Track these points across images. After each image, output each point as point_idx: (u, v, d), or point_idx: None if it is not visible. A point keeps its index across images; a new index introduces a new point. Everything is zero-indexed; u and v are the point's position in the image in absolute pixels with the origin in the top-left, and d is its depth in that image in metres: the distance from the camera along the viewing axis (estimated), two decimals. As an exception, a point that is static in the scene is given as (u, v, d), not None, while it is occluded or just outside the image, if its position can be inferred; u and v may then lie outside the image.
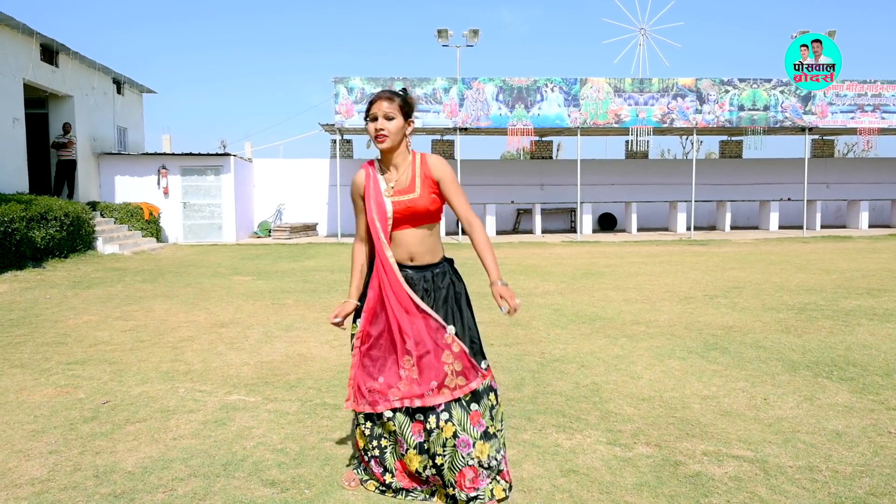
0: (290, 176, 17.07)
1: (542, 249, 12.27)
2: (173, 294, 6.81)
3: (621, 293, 6.56)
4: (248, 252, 12.03)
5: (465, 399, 2.08)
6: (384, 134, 2.06)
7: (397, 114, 2.08)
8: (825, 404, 3.05)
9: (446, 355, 2.08)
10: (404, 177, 2.12)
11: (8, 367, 3.87)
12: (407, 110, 2.11)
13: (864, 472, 2.33)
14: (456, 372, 2.07)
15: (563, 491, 2.21)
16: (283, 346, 4.40)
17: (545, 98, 14.33)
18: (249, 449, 2.60)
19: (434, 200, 2.11)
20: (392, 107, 2.07)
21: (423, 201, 2.09)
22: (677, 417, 2.90)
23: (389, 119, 2.07)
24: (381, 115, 2.07)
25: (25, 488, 2.27)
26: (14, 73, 10.91)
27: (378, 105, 2.07)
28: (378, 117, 2.07)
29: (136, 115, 16.34)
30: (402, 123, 2.09)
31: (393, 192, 2.11)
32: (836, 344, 4.23)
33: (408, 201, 2.08)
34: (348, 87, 13.98)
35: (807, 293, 6.37)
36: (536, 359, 3.96)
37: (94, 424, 2.89)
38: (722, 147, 19.21)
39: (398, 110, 2.08)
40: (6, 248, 8.42)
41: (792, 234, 15.01)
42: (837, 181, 18.53)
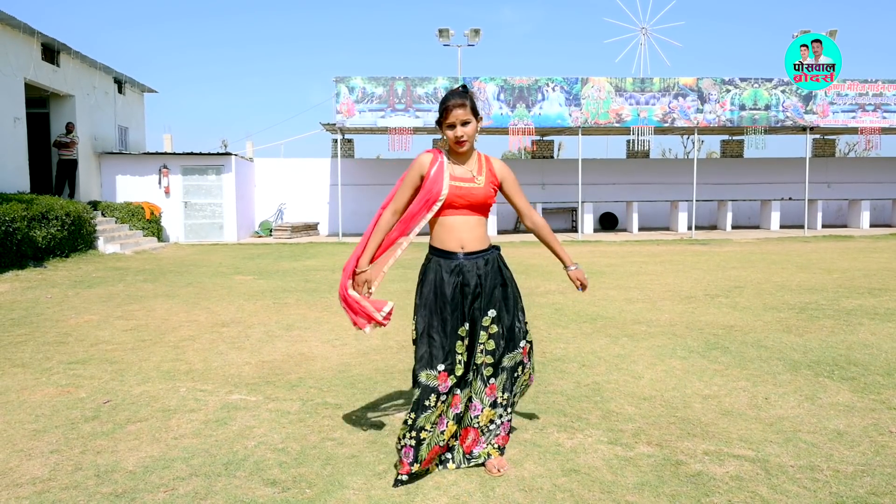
0: (291, 175, 17.07)
1: (542, 249, 12.24)
2: (174, 293, 6.81)
3: (622, 292, 6.56)
4: (249, 251, 12.04)
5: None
6: (464, 140, 2.23)
7: (470, 117, 2.23)
8: (826, 404, 3.04)
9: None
10: (471, 168, 2.30)
11: (9, 367, 3.87)
12: (475, 110, 2.26)
13: (866, 471, 2.33)
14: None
15: (564, 490, 2.21)
16: (284, 345, 4.40)
17: (546, 97, 14.32)
18: (250, 448, 2.60)
19: (491, 195, 2.29)
20: (466, 112, 2.22)
21: (483, 192, 2.27)
22: (678, 417, 2.90)
23: (466, 124, 2.23)
24: (459, 123, 2.22)
25: (27, 487, 2.27)
26: (15, 73, 10.92)
27: (454, 114, 2.21)
28: (456, 125, 2.22)
29: (137, 115, 16.35)
30: (475, 125, 2.26)
31: (459, 178, 2.28)
32: (838, 343, 4.23)
33: (472, 188, 2.26)
34: (349, 86, 13.97)
35: (808, 292, 6.36)
36: (538, 358, 3.95)
37: (96, 424, 2.89)
38: (723, 146, 19.19)
39: (471, 113, 2.23)
40: (8, 248, 8.43)
41: (793, 234, 15.00)
42: (838, 181, 18.51)
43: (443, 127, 2.27)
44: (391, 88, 13.98)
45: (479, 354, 2.30)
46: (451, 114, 2.21)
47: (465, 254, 2.27)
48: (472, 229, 2.27)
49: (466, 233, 2.26)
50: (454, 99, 2.22)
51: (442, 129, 2.27)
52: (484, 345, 2.30)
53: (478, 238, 2.28)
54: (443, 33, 16.42)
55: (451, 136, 2.24)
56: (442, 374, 2.23)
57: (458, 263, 2.26)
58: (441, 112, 2.25)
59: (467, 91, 2.27)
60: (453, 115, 2.20)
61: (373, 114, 13.90)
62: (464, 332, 2.27)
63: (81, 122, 13.15)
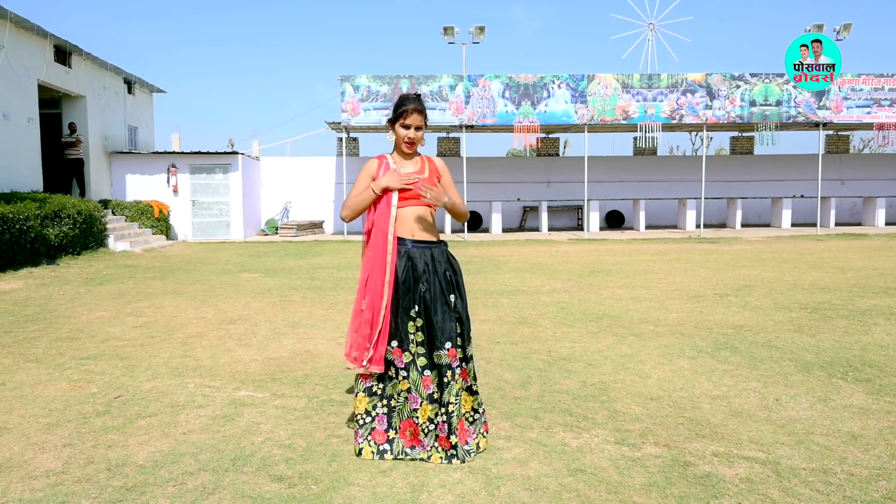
0: (296, 174, 17.14)
1: (548, 247, 12.21)
2: (183, 291, 6.87)
3: (629, 291, 6.51)
4: (255, 249, 12.11)
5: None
6: (413, 143, 2.49)
7: (423, 124, 2.48)
8: (840, 405, 3.00)
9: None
10: (415, 167, 2.54)
11: (24, 362, 3.92)
12: (426, 119, 2.52)
13: (881, 475, 2.29)
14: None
15: (570, 490, 2.20)
16: (290, 342, 4.42)
17: (552, 95, 14.25)
18: (257, 444, 2.61)
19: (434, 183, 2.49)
20: (421, 119, 2.46)
21: (429, 182, 2.47)
22: (687, 417, 2.88)
23: (418, 129, 2.48)
24: (414, 126, 2.46)
25: (41, 480, 2.30)
26: (29, 74, 11.04)
27: (413, 117, 2.45)
28: (411, 126, 2.46)
29: (146, 115, 16.49)
30: (424, 131, 2.52)
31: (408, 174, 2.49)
32: (852, 344, 4.17)
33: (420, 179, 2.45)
34: (354, 85, 13.99)
35: (821, 292, 6.28)
36: (543, 357, 3.94)
37: (107, 418, 2.92)
38: (732, 143, 18.99)
39: (423, 121, 2.47)
40: (21, 246, 8.54)
41: (805, 232, 14.82)
42: (852, 178, 18.25)
43: (395, 125, 2.48)
44: (396, 87, 13.98)
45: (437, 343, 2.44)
46: (411, 116, 2.44)
47: (413, 241, 2.46)
48: (420, 220, 2.48)
49: (415, 222, 2.47)
50: (415, 103, 2.45)
51: (394, 126, 2.48)
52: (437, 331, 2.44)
53: (426, 229, 2.49)
54: (448, 31, 16.38)
55: (403, 135, 2.46)
56: (396, 350, 2.45)
57: (406, 249, 2.45)
58: (400, 111, 2.45)
59: (420, 98, 2.53)
60: (413, 118, 2.44)
61: (378, 112, 13.91)
62: (414, 313, 2.43)
63: (92, 122, 13.29)
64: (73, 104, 12.99)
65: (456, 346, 2.42)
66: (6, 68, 10.32)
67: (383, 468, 2.38)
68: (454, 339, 2.42)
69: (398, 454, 2.44)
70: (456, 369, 2.42)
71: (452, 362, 2.41)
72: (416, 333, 2.43)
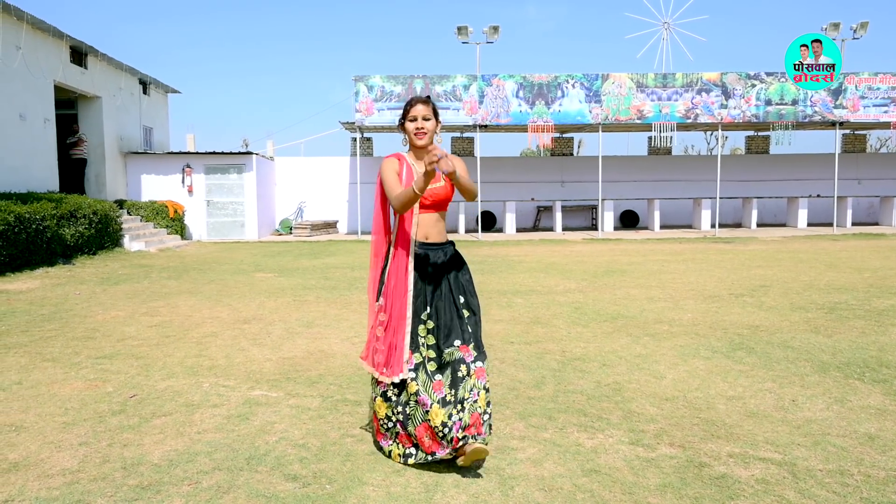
0: (310, 174, 17.24)
1: (562, 247, 12.15)
2: (197, 290, 6.94)
3: (644, 291, 6.46)
4: (269, 249, 12.20)
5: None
6: (423, 132, 2.44)
7: (431, 115, 2.46)
8: (857, 406, 2.95)
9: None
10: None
11: (40, 361, 3.99)
12: (436, 112, 2.51)
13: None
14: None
15: (584, 491, 2.19)
16: (304, 342, 4.45)
17: (566, 94, 14.18)
18: (272, 444, 2.63)
19: (451, 192, 2.52)
20: (427, 109, 2.45)
21: (445, 190, 2.49)
22: (702, 418, 2.85)
23: (426, 120, 2.45)
24: (420, 117, 2.44)
25: (57, 478, 2.34)
26: (45, 75, 11.23)
27: (416, 109, 2.45)
28: (417, 118, 2.44)
29: (161, 115, 16.69)
30: (434, 124, 2.48)
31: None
32: (869, 344, 4.10)
33: (438, 189, 2.46)
34: (368, 85, 14.04)
35: (837, 292, 6.18)
36: (557, 357, 3.92)
37: (122, 417, 2.96)
38: (748, 142, 18.75)
39: (432, 112, 2.46)
40: (38, 245, 8.69)
41: (821, 232, 14.59)
42: (869, 177, 17.93)
43: (404, 125, 2.48)
44: (410, 87, 14.01)
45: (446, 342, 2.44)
46: (414, 108, 2.44)
47: (427, 244, 2.49)
48: (436, 224, 2.51)
49: (431, 227, 2.50)
50: (418, 97, 2.49)
51: (403, 127, 2.48)
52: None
53: (440, 232, 2.53)
54: (461, 31, 16.36)
55: (411, 128, 2.45)
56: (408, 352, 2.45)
57: (421, 253, 2.47)
58: (404, 110, 2.47)
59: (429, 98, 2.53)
60: (415, 109, 2.43)
61: (392, 112, 13.94)
62: (426, 316, 2.43)
63: (108, 122, 13.47)
64: (89, 105, 13.18)
65: (467, 342, 2.41)
66: (23, 69, 10.50)
67: (397, 468, 2.39)
68: (465, 337, 2.41)
69: (420, 460, 2.41)
70: (471, 365, 2.40)
71: (466, 357, 2.40)
72: (426, 336, 2.43)
